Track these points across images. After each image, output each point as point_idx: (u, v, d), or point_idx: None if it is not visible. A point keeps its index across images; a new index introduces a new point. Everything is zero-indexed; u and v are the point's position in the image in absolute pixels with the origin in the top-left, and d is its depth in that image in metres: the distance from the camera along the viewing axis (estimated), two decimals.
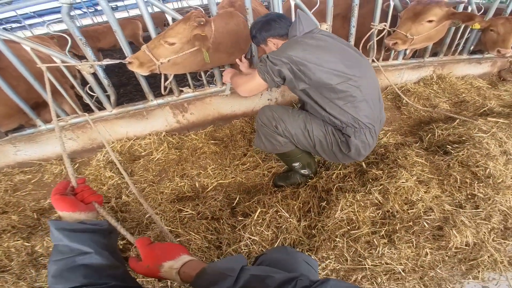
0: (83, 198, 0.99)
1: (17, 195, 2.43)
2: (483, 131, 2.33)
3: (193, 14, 2.04)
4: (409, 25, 2.57)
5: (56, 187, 0.96)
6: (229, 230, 1.86)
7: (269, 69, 1.64)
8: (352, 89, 1.64)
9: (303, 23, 1.71)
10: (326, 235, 1.75)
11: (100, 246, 0.88)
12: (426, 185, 1.95)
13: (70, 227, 0.87)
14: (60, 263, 0.81)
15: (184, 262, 0.91)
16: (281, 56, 1.60)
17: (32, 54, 2.11)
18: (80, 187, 1.02)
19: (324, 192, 2.06)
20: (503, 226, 1.78)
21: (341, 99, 1.66)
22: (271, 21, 1.80)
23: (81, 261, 0.82)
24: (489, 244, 1.66)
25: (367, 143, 1.78)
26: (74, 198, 0.96)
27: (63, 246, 0.84)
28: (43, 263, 1.81)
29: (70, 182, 1.03)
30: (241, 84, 1.89)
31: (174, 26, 2.06)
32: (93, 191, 1.03)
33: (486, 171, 2.01)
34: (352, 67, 1.65)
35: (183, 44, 2.08)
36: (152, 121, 2.71)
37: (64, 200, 0.92)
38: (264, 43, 1.89)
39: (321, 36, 1.69)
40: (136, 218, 2.08)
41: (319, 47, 1.61)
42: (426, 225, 1.75)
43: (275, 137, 1.89)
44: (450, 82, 3.31)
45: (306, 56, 1.57)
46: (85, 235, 0.87)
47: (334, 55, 1.62)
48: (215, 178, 2.34)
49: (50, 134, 2.56)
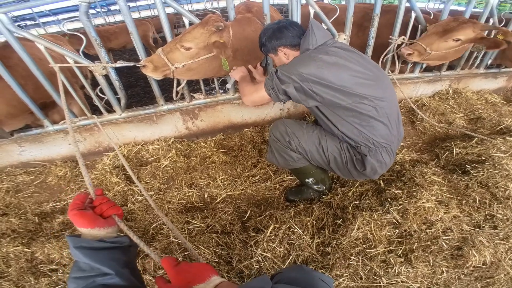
0: (102, 212, 0.94)
1: (19, 197, 2.36)
2: (502, 151, 2.27)
3: (211, 18, 1.98)
4: (433, 39, 2.50)
5: (74, 201, 0.92)
6: (240, 246, 1.78)
7: (275, 85, 1.59)
8: (368, 109, 1.55)
9: (316, 34, 1.61)
10: (341, 253, 1.69)
11: (120, 265, 0.85)
12: (446, 206, 1.88)
13: (89, 245, 0.83)
14: (80, 282, 0.79)
15: (216, 284, 0.85)
16: (291, 73, 1.52)
17: (46, 53, 2.07)
18: (99, 199, 0.97)
19: (339, 209, 1.98)
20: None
21: (356, 117, 1.58)
22: (283, 28, 1.68)
23: (101, 281, 0.79)
24: (506, 263, 1.62)
25: (384, 162, 1.71)
26: (92, 213, 0.91)
27: (84, 263, 0.82)
28: (42, 271, 1.74)
29: (88, 194, 0.98)
30: (246, 94, 1.85)
31: (191, 30, 2.01)
32: (112, 203, 0.98)
33: (505, 192, 1.95)
34: (369, 86, 1.55)
35: (200, 49, 2.03)
36: (161, 126, 2.65)
37: (82, 216, 0.88)
38: (274, 52, 1.78)
39: (336, 50, 1.58)
40: (142, 228, 2.00)
41: (334, 65, 1.51)
42: (444, 245, 1.69)
43: (288, 153, 1.82)
44: (466, 97, 3.26)
45: (320, 74, 1.48)
46: (105, 253, 0.84)
47: (349, 72, 1.52)
48: (225, 189, 2.26)
49: (56, 135, 2.50)
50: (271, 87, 1.63)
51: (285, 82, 1.55)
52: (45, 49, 2.07)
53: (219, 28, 1.98)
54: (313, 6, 2.31)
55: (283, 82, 1.56)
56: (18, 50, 2.02)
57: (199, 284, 0.84)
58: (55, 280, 1.67)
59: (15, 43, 1.99)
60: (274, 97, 1.66)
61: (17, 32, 1.97)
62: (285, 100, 1.67)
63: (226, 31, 2.07)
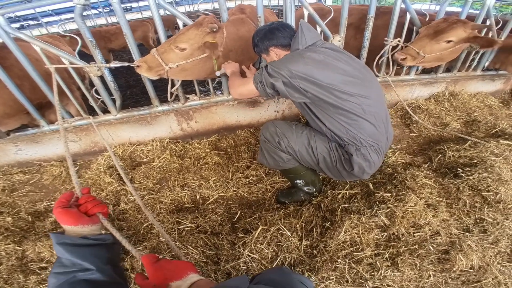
0: (86, 210, 0.97)
1: (14, 196, 2.39)
2: (495, 154, 2.26)
3: (206, 20, 2.02)
4: (424, 42, 2.50)
5: (59, 199, 0.95)
6: (228, 246, 1.79)
7: (264, 79, 1.64)
8: (354, 107, 1.59)
9: (306, 35, 1.67)
10: (328, 255, 1.69)
11: (102, 261, 0.87)
12: (435, 209, 1.88)
13: (71, 241, 0.86)
14: (61, 277, 0.81)
15: (192, 282, 0.87)
16: (280, 69, 1.56)
17: (42, 54, 2.10)
18: (84, 198, 1.01)
19: (329, 212, 1.99)
20: (510, 250, 1.72)
21: (342, 115, 1.62)
22: (275, 29, 1.76)
23: (81, 276, 0.81)
24: (494, 267, 1.62)
25: (372, 161, 1.72)
26: (76, 211, 0.94)
27: (66, 259, 0.84)
28: (32, 269, 1.76)
29: (74, 193, 1.01)
30: (235, 86, 1.88)
31: (186, 31, 2.04)
32: (97, 202, 1.01)
33: (496, 196, 1.95)
34: (355, 84, 1.60)
35: (194, 50, 2.06)
36: (156, 127, 2.68)
37: (66, 213, 0.91)
38: (266, 53, 1.85)
39: (324, 49, 1.63)
40: (133, 227, 2.02)
41: (322, 62, 1.56)
42: (431, 248, 1.69)
43: (278, 153, 1.85)
44: (462, 100, 3.25)
45: (307, 71, 1.53)
46: (87, 250, 0.87)
47: (337, 70, 1.57)
48: (217, 191, 2.28)
49: (52, 135, 2.53)
50: (259, 80, 1.67)
51: (274, 77, 1.60)
52: (41, 50, 2.10)
53: (213, 30, 2.00)
54: (307, 8, 2.33)
55: (272, 76, 1.60)
56: (14, 51, 2.06)
57: (175, 281, 0.85)
58: (43, 278, 1.69)
59: (11, 44, 2.03)
60: (261, 91, 1.69)
61: (13, 33, 2.00)
62: (272, 95, 1.70)
63: (220, 32, 2.10)
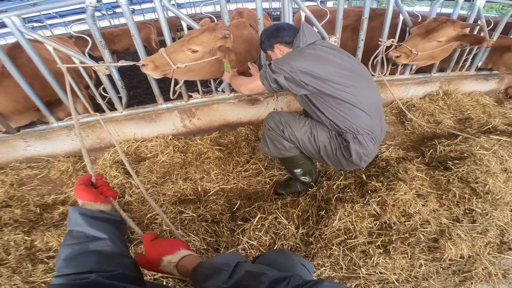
0: (101, 192, 1.08)
1: (22, 190, 2.49)
2: (485, 148, 2.36)
3: (219, 26, 2.15)
4: (417, 41, 2.63)
5: (81, 178, 1.07)
6: (228, 233, 1.89)
7: (268, 75, 1.80)
8: (350, 97, 1.74)
9: (307, 34, 1.85)
10: (323, 243, 1.77)
11: (115, 235, 0.95)
12: (425, 199, 1.97)
13: (91, 214, 0.94)
14: (74, 247, 0.86)
15: (182, 256, 0.96)
16: (283, 65, 1.72)
17: (54, 55, 2.21)
18: (99, 182, 1.12)
19: (324, 201, 2.08)
20: (499, 241, 1.80)
21: (340, 105, 1.76)
22: (281, 28, 1.94)
23: (94, 247, 0.87)
24: (484, 257, 1.68)
25: (368, 149, 1.84)
26: (95, 190, 1.05)
27: (78, 232, 0.89)
28: (40, 258, 1.83)
29: (91, 176, 1.12)
30: (243, 84, 2.05)
31: (199, 34, 2.14)
32: (109, 187, 1.12)
33: (485, 187, 2.04)
34: (350, 77, 1.76)
35: (205, 53, 2.18)
36: (160, 124, 2.79)
37: (87, 190, 1.01)
38: (271, 49, 2.02)
39: (322, 47, 1.81)
40: (137, 218, 2.12)
41: (320, 57, 1.73)
42: (422, 237, 1.77)
43: (281, 141, 1.96)
44: (456, 99, 3.35)
45: (307, 65, 1.69)
46: (103, 223, 0.95)
47: (333, 65, 1.74)
48: (218, 183, 2.38)
49: (60, 131, 2.64)
50: (264, 77, 1.83)
51: (276, 73, 1.76)
52: (54, 50, 2.22)
53: (226, 36, 2.13)
54: (304, 10, 2.46)
55: (275, 72, 1.77)
56: (28, 51, 2.18)
57: (167, 256, 0.95)
58: (51, 266, 1.76)
59: (26, 44, 2.15)
60: (267, 86, 1.85)
61: (28, 34, 2.12)
62: (276, 89, 1.86)
63: (229, 37, 2.21)
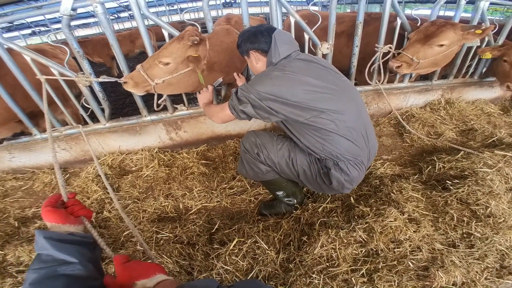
0: (72, 212, 1.02)
1: (5, 201, 2.45)
2: (489, 165, 2.18)
3: (187, 33, 2.01)
4: (417, 48, 2.44)
5: (48, 199, 1.01)
6: (202, 257, 1.78)
7: (234, 106, 1.64)
8: (327, 123, 1.55)
9: (279, 48, 1.64)
10: (303, 270, 1.65)
11: (85, 258, 0.89)
12: (417, 224, 1.82)
13: (58, 237, 0.88)
14: (41, 272, 0.81)
15: (159, 281, 0.87)
16: (250, 93, 1.56)
17: (32, 65, 2.16)
18: (71, 201, 1.07)
19: (307, 225, 1.96)
20: (499, 265, 1.65)
21: (316, 131, 1.58)
22: (258, 33, 1.71)
23: (63, 271, 0.82)
24: (480, 283, 1.54)
25: (351, 176, 1.67)
26: (64, 211, 0.99)
27: (47, 255, 0.85)
28: (9, 272, 1.80)
29: (61, 196, 1.06)
30: (215, 113, 1.88)
31: (168, 45, 2.04)
32: (82, 206, 1.07)
33: (486, 210, 1.88)
34: (327, 100, 1.55)
35: (178, 64, 2.05)
36: (145, 136, 2.71)
37: (54, 212, 0.95)
38: (247, 55, 1.82)
39: (296, 63, 1.61)
40: (114, 235, 2.04)
41: (290, 80, 1.54)
42: (411, 264, 1.63)
43: (257, 165, 1.82)
44: (458, 108, 3.16)
45: (275, 91, 1.51)
46: (72, 246, 0.89)
47: (306, 87, 1.54)
48: (200, 201, 2.28)
49: (44, 143, 2.60)
50: (232, 106, 1.67)
51: (243, 103, 1.60)
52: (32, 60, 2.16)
53: (194, 42, 2.00)
54: (294, 15, 2.33)
55: (241, 102, 1.60)
56: (6, 60, 2.13)
57: (142, 280, 0.86)
58: (19, 280, 1.73)
59: (3, 53, 2.10)
60: (236, 116, 1.69)
61: (5, 44, 2.07)
62: (246, 119, 1.70)
63: (203, 44, 2.10)
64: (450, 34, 2.37)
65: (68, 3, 1.89)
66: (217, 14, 9.76)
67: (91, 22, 11.35)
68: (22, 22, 7.62)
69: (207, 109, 2.01)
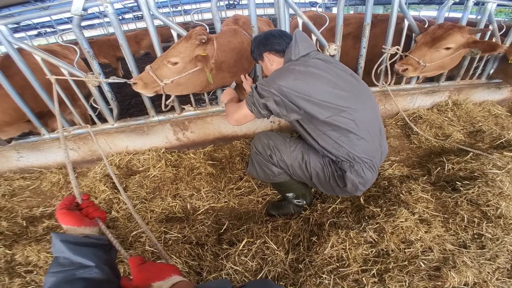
0: (87, 214, 1.03)
1: (13, 201, 2.46)
2: (498, 167, 2.16)
3: (194, 32, 2.02)
4: (424, 51, 2.42)
5: (62, 201, 1.01)
6: (211, 257, 1.78)
7: (255, 101, 1.59)
8: (346, 122, 1.54)
9: (299, 45, 1.63)
10: (313, 270, 1.64)
11: (101, 261, 0.90)
12: (428, 225, 1.80)
13: (74, 240, 0.89)
14: (59, 275, 0.82)
15: (174, 283, 0.87)
16: (270, 87, 1.52)
17: (42, 65, 2.17)
18: (85, 203, 1.07)
19: (317, 226, 1.94)
20: (510, 266, 1.63)
21: (335, 131, 1.57)
22: (270, 36, 1.73)
23: (81, 274, 0.83)
24: (492, 283, 1.53)
25: (366, 179, 1.67)
26: (79, 213, 1.00)
27: (64, 258, 0.85)
28: (18, 272, 1.81)
29: (75, 197, 1.06)
30: (229, 114, 1.83)
31: (176, 45, 2.05)
32: (96, 207, 1.07)
33: (497, 211, 1.86)
34: (347, 98, 1.55)
35: (186, 63, 2.06)
36: (152, 137, 2.72)
37: (70, 214, 0.96)
38: (261, 59, 1.81)
39: (316, 61, 1.60)
40: (122, 235, 2.03)
41: (312, 75, 1.52)
42: (422, 265, 1.61)
43: (269, 167, 1.80)
44: (466, 109, 3.15)
45: (297, 86, 1.49)
46: (88, 249, 0.90)
47: (328, 84, 1.53)
48: (208, 201, 2.27)
49: (52, 143, 2.60)
50: (252, 103, 1.63)
51: (265, 96, 1.56)
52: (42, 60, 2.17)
53: (202, 41, 2.01)
54: (301, 16, 2.33)
55: (263, 96, 1.57)
56: (16, 60, 2.14)
57: (157, 282, 0.86)
58: (28, 280, 1.73)
59: (13, 53, 2.11)
60: (256, 113, 1.65)
61: (16, 43, 2.08)
62: (267, 116, 1.66)
63: (210, 43, 2.10)
64: (457, 37, 2.36)
65: (80, 3, 1.90)
66: (220, 15, 9.78)
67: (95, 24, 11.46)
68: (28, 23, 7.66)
69: (227, 106, 1.98)
